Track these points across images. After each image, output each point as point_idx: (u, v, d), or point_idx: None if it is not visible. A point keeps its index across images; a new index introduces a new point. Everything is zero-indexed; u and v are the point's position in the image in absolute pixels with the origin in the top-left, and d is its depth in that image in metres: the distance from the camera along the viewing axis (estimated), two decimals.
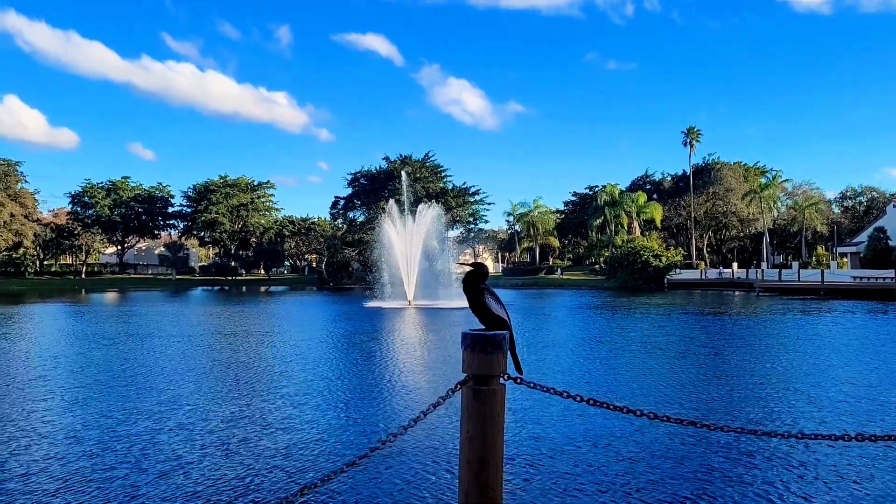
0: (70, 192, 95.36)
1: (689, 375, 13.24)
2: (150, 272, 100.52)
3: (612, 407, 3.17)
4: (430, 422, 7.54)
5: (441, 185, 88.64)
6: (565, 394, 3.10)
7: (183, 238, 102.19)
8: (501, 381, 2.87)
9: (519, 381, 3.03)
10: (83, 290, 65.12)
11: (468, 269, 3.20)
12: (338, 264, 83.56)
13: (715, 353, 16.89)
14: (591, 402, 3.14)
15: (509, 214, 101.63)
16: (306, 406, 10.17)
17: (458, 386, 2.88)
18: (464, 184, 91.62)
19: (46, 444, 7.92)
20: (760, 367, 14.29)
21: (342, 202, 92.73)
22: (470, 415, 2.80)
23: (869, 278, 49.25)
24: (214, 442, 8.05)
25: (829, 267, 57.76)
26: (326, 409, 9.94)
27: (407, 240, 43.43)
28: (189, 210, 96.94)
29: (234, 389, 11.66)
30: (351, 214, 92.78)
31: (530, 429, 8.41)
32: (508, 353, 2.94)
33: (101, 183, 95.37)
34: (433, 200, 62.05)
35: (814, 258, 66.54)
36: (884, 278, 47.91)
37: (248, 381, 12.64)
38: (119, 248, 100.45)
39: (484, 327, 3.07)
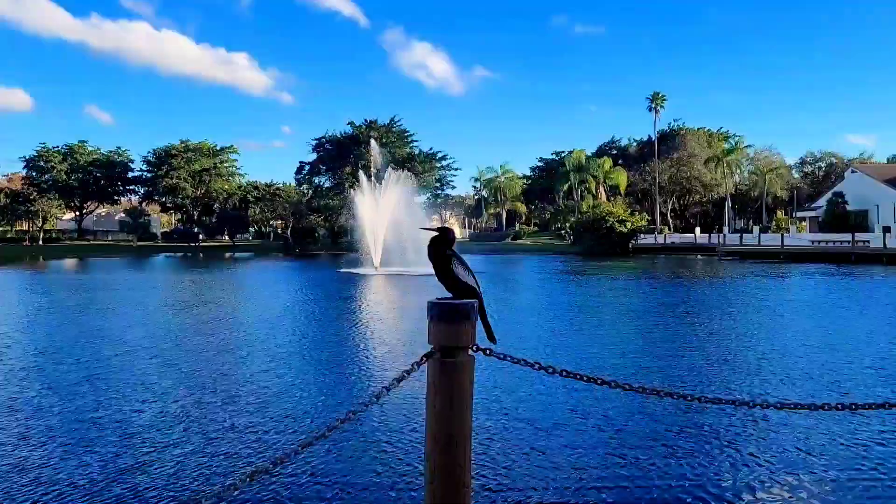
0: (25, 157, 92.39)
1: (661, 342, 13.35)
2: (109, 238, 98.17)
3: (585, 378, 3.04)
4: (394, 397, 7.37)
5: (408, 150, 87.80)
6: (537, 365, 2.96)
7: (144, 204, 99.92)
8: (470, 352, 2.72)
9: (488, 352, 2.87)
10: (41, 257, 63.39)
11: (433, 234, 3.02)
12: (304, 230, 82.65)
13: (683, 319, 17.05)
14: (564, 373, 3.01)
15: (476, 180, 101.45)
16: (268, 383, 9.95)
17: (424, 358, 2.72)
18: (430, 149, 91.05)
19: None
20: (729, 333, 14.49)
21: (307, 167, 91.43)
22: (437, 389, 2.65)
23: (827, 242, 50.32)
24: (165, 421, 7.83)
25: (788, 231, 58.86)
26: (285, 386, 9.47)
27: (374, 206, 43.05)
28: (149, 175, 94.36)
29: (201, 362, 11.41)
30: (316, 180, 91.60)
31: (500, 402, 8.17)
32: (479, 322, 2.79)
33: (58, 147, 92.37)
34: (400, 166, 61.45)
35: (774, 223, 67.72)
36: (841, 242, 49.01)
37: (210, 353, 12.39)
38: (77, 213, 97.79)
39: (451, 296, 2.90)
